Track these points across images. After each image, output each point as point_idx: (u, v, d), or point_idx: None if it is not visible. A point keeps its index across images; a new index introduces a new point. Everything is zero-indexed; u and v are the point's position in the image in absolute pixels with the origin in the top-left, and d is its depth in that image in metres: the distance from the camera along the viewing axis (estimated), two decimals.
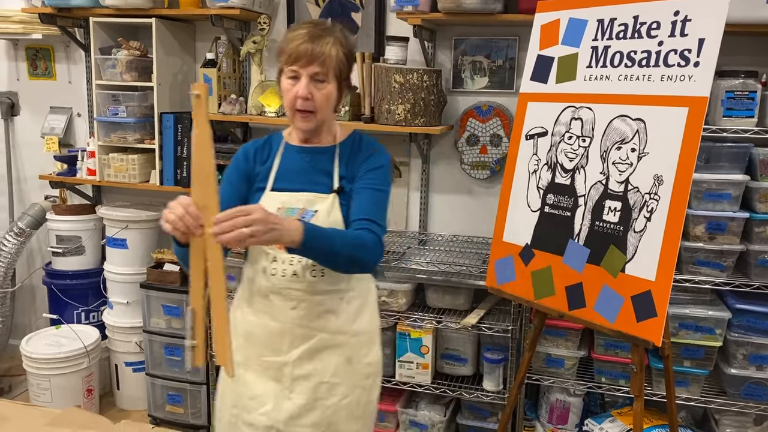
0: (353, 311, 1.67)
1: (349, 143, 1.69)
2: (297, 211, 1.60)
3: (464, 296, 2.72)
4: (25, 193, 3.72)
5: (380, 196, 1.63)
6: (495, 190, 2.93)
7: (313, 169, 1.65)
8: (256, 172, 1.69)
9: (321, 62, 1.53)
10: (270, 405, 1.65)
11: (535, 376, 2.62)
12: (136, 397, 3.27)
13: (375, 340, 1.75)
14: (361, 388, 1.69)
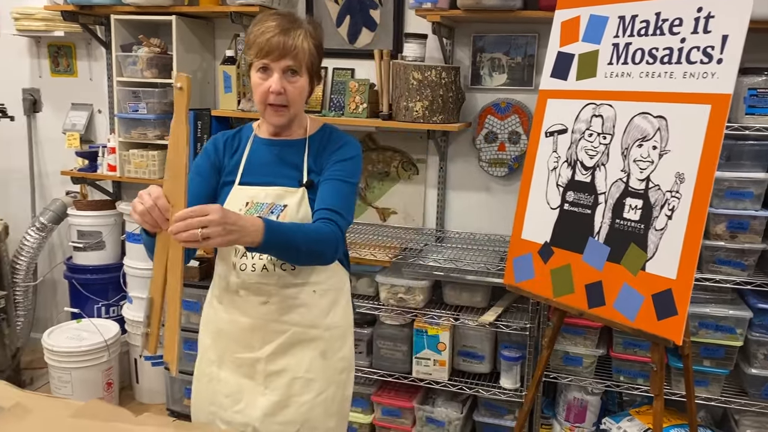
0: (326, 304, 1.65)
1: (319, 136, 1.67)
2: (266, 206, 1.58)
3: (482, 294, 2.72)
4: (47, 188, 3.77)
5: (345, 187, 1.59)
6: (513, 187, 2.93)
7: (281, 162, 1.63)
8: (224, 164, 1.67)
9: (294, 55, 1.51)
10: (244, 402, 1.64)
11: (553, 374, 2.62)
12: (154, 390, 3.31)
13: (348, 334, 1.72)
14: (335, 384, 1.67)
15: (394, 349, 2.78)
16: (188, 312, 3.10)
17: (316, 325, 1.63)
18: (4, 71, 3.67)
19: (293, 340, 1.61)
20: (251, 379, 1.63)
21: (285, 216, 1.55)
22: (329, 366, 1.65)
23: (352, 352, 1.73)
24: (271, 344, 1.61)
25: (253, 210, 1.57)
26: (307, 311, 1.61)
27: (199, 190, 1.61)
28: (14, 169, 3.77)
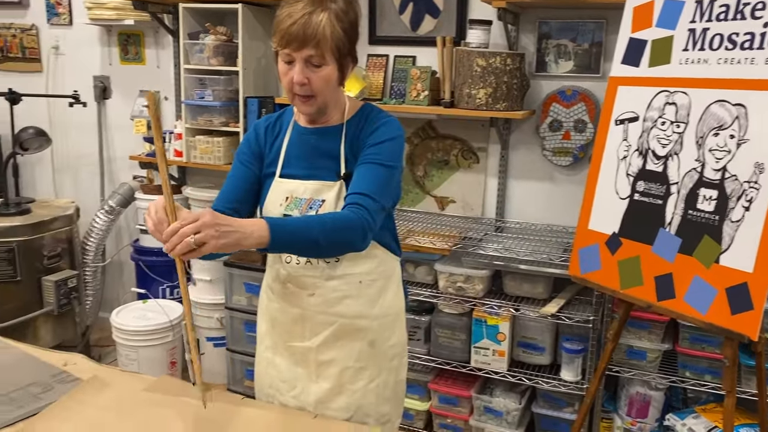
0: (373, 294, 1.61)
1: (356, 120, 1.57)
2: (304, 202, 1.54)
3: (543, 285, 2.68)
4: (115, 173, 3.90)
5: (380, 170, 1.49)
6: (578, 177, 2.87)
7: (319, 153, 1.56)
8: (266, 152, 1.62)
9: (315, 44, 1.40)
10: (299, 389, 1.65)
11: (616, 367, 2.57)
12: (216, 371, 3.39)
13: (398, 321, 1.68)
14: (387, 370, 1.65)
15: (453, 338, 2.78)
16: (250, 295, 3.16)
17: (363, 316, 1.60)
18: (77, 59, 3.81)
19: (341, 332, 1.60)
20: (304, 367, 1.64)
21: (323, 211, 1.52)
22: (379, 354, 1.63)
23: (403, 338, 1.70)
24: (319, 335, 1.61)
25: (292, 205, 1.54)
26: (353, 302, 1.59)
27: (244, 179, 1.59)
28: (85, 154, 3.91)
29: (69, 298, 3.27)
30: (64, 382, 1.61)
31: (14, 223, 3.13)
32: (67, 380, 1.62)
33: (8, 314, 3.07)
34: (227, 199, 1.57)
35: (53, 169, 4.01)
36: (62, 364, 1.72)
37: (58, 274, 3.26)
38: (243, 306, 3.19)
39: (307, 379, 1.64)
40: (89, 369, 1.70)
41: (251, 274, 3.12)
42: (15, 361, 1.72)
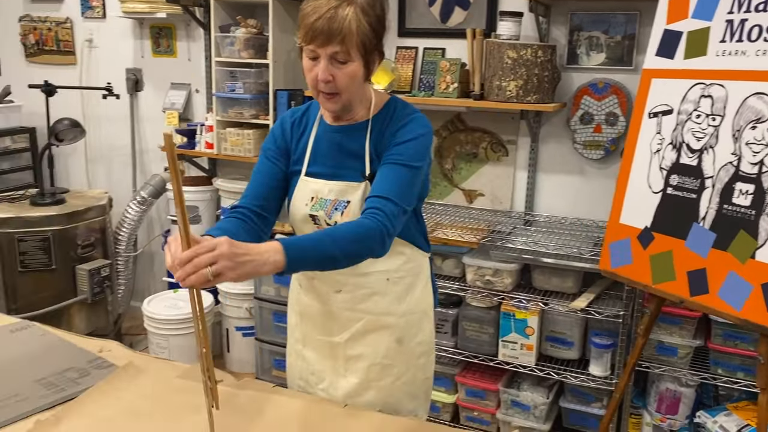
0: (401, 291, 1.60)
1: (382, 116, 1.52)
2: (329, 203, 1.52)
3: (573, 279, 2.66)
4: (147, 164, 3.95)
5: (403, 171, 1.43)
6: (609, 171, 2.84)
7: (343, 152, 1.53)
8: (292, 149, 1.59)
9: (340, 41, 1.35)
10: (327, 382, 1.65)
11: (646, 363, 2.54)
12: (244, 360, 3.44)
13: (426, 319, 1.66)
14: (414, 367, 1.64)
15: (480, 331, 2.78)
16: (279, 285, 3.19)
17: (390, 313, 1.59)
18: (110, 52, 3.87)
19: (368, 328, 1.60)
20: (333, 361, 1.65)
21: (348, 213, 1.50)
22: (406, 351, 1.62)
23: (431, 336, 1.68)
24: (347, 331, 1.61)
25: (317, 206, 1.53)
26: (380, 299, 1.58)
27: (270, 175, 1.57)
28: (118, 146, 3.98)
29: (102, 287, 3.33)
30: (101, 367, 1.64)
31: (49, 212, 3.20)
32: (103, 366, 1.65)
33: (44, 302, 3.14)
34: (254, 196, 1.55)
35: (86, 160, 4.09)
36: (98, 350, 1.76)
37: (92, 263, 3.32)
38: (272, 296, 3.22)
39: (335, 372, 1.65)
40: (124, 356, 1.74)
41: None
42: (52, 346, 1.76)
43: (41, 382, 1.56)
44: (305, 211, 1.54)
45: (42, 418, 1.40)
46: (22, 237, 3.12)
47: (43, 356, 1.69)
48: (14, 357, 1.68)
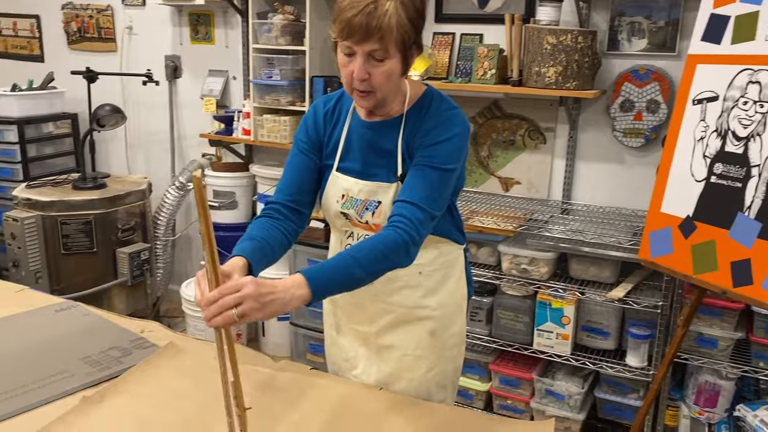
0: (433, 284, 1.58)
1: (417, 110, 1.46)
2: (360, 203, 1.49)
3: (610, 269, 2.63)
4: (185, 150, 4.01)
5: (434, 175, 1.39)
6: (649, 159, 2.79)
7: (375, 150, 1.48)
8: (324, 141, 1.55)
9: (379, 38, 1.28)
10: (360, 369, 1.65)
11: (685, 355, 2.50)
12: (279, 344, 3.48)
13: (459, 312, 1.64)
14: (446, 359, 1.63)
15: (515, 320, 2.76)
16: None
17: (422, 306, 1.58)
18: (149, 39, 3.92)
19: (400, 320, 1.59)
20: (366, 349, 1.65)
21: (380, 213, 1.47)
22: (439, 344, 1.61)
23: (463, 328, 1.67)
24: (378, 322, 1.61)
25: (348, 204, 1.51)
26: (411, 292, 1.56)
27: (301, 170, 1.54)
28: (157, 131, 4.04)
29: (141, 270, 3.40)
30: (142, 347, 1.68)
31: (91, 196, 3.27)
32: (144, 346, 1.69)
33: (85, 284, 3.22)
34: (287, 191, 1.53)
35: (127, 145, 4.16)
36: (139, 330, 1.80)
37: (132, 246, 3.39)
38: None
39: (368, 360, 1.65)
40: (164, 336, 1.77)
41: (314, 251, 3.17)
42: (96, 326, 1.81)
43: (86, 360, 1.60)
44: (336, 208, 1.53)
45: (87, 394, 1.44)
46: (65, 220, 3.20)
47: (88, 335, 1.74)
48: (60, 336, 1.73)
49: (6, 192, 3.74)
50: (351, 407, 1.46)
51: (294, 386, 1.52)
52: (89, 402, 1.41)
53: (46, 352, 1.63)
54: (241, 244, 1.40)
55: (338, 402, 1.47)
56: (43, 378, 1.51)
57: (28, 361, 1.58)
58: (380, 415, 1.43)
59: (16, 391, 1.45)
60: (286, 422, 1.38)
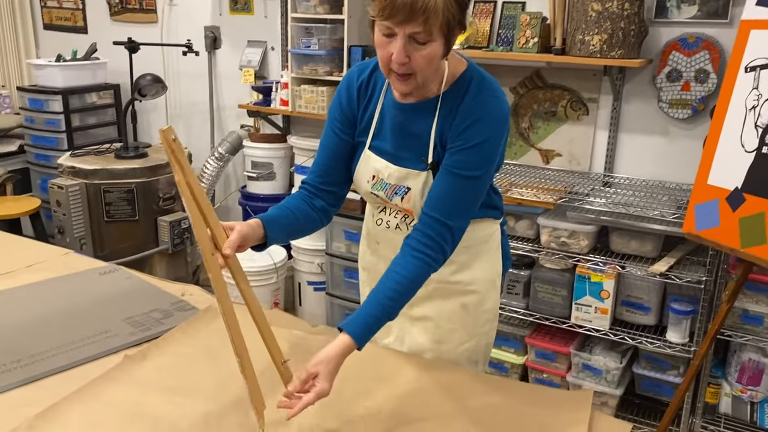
0: (466, 260, 1.55)
1: (454, 93, 1.36)
2: (389, 187, 1.45)
3: (652, 243, 2.57)
4: (224, 120, 4.04)
5: (466, 186, 1.33)
6: (696, 131, 2.70)
7: (406, 133, 1.42)
8: (358, 117, 1.48)
9: (423, 21, 1.18)
10: (393, 337, 1.65)
11: (728, 331, 2.44)
12: (315, 314, 3.51)
13: (492, 288, 1.61)
14: (479, 335, 1.61)
15: (553, 294, 2.73)
16: (350, 242, 3.23)
17: (455, 282, 1.56)
18: (189, 10, 3.94)
19: (433, 294, 1.58)
20: (400, 317, 1.64)
21: (409, 199, 1.43)
22: (471, 319, 1.59)
23: (496, 303, 1.64)
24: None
25: (378, 186, 1.47)
26: (444, 269, 1.49)
27: (335, 151, 1.50)
28: (197, 102, 4.07)
29: (182, 239, 3.46)
30: (183, 309, 1.71)
31: (133, 165, 3.32)
32: (185, 308, 1.72)
33: (127, 251, 3.29)
34: (320, 172, 1.51)
35: (167, 116, 4.21)
36: (180, 294, 1.83)
37: (173, 215, 3.45)
38: (342, 253, 3.27)
39: (401, 330, 1.65)
40: (204, 300, 1.80)
41: (351, 222, 3.18)
42: (138, 289, 1.84)
43: (128, 321, 1.64)
44: (367, 188, 1.50)
45: (130, 353, 1.48)
46: (108, 188, 3.27)
47: (130, 298, 1.78)
48: (104, 297, 1.77)
49: (51, 161, 3.84)
50: (388, 372, 1.46)
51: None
52: (132, 360, 1.45)
53: (90, 313, 1.67)
54: (269, 210, 1.42)
55: (374, 366, 1.48)
56: (88, 336, 1.55)
57: (74, 321, 1.63)
58: (413, 378, 1.43)
59: (63, 348, 1.49)
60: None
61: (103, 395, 1.32)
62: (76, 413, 1.26)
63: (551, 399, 1.37)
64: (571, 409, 1.32)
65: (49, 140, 3.91)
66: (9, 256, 2.05)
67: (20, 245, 2.22)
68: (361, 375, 1.43)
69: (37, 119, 3.92)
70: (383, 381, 1.42)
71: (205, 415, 1.28)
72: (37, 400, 1.29)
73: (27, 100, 3.93)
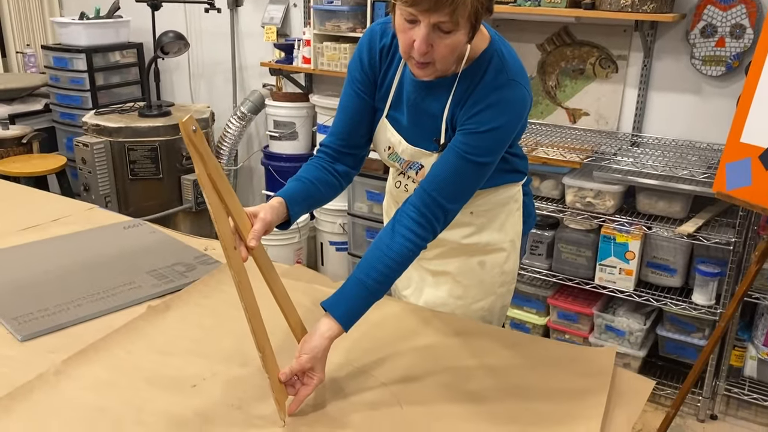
0: (485, 222, 1.53)
1: (472, 72, 1.29)
2: (403, 162, 1.44)
3: (681, 203, 2.52)
4: (247, 80, 4.01)
5: (469, 169, 1.27)
6: (730, 89, 2.62)
7: (420, 110, 1.37)
8: (379, 81, 1.42)
9: (451, 11, 1.11)
10: (411, 289, 1.66)
11: (756, 294, 2.40)
12: (337, 274, 3.52)
13: (512, 249, 1.57)
14: (495, 295, 1.60)
15: (577, 254, 2.70)
16: (372, 202, 3.22)
17: (473, 243, 1.55)
18: None
19: (451, 253, 1.57)
20: (419, 271, 1.65)
21: (423, 174, 1.40)
22: (488, 280, 1.58)
23: (515, 265, 1.61)
24: (430, 251, 1.58)
25: (393, 157, 1.46)
26: (462, 229, 1.53)
27: (356, 112, 1.44)
28: (219, 61, 4.05)
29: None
30: (206, 263, 1.72)
31: (156, 123, 3.33)
32: (208, 262, 1.73)
33: (152, 209, 3.31)
34: (339, 134, 1.46)
35: (190, 75, 4.19)
36: (203, 248, 1.84)
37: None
38: (364, 213, 3.26)
39: (421, 281, 1.65)
40: None
41: (373, 183, 3.16)
42: (162, 243, 1.86)
43: (152, 274, 1.65)
44: (385, 156, 1.49)
45: (153, 304, 1.49)
46: (132, 146, 3.28)
47: (154, 251, 1.79)
48: (128, 250, 1.79)
49: (76, 119, 3.86)
50: (407, 325, 1.46)
51: None
52: (155, 311, 1.46)
53: (114, 265, 1.69)
54: (288, 184, 1.39)
55: (394, 319, 1.48)
56: (112, 288, 1.57)
57: (99, 273, 1.65)
58: (439, 334, 1.43)
59: (88, 299, 1.51)
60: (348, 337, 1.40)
61: (128, 343, 1.34)
62: (102, 360, 1.28)
63: (573, 355, 1.36)
64: (594, 365, 1.31)
65: (73, 99, 3.92)
66: (35, 211, 2.07)
67: (46, 200, 2.25)
68: (381, 331, 1.44)
69: (61, 78, 3.93)
70: (402, 335, 1.42)
71: (227, 364, 1.29)
72: (62, 348, 1.31)
73: (51, 59, 3.94)
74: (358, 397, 1.20)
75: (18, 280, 1.59)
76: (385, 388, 1.23)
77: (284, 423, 1.12)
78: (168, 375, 1.24)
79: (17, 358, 1.29)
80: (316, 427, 1.12)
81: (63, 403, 1.15)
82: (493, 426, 1.13)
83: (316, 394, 1.20)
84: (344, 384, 1.24)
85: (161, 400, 1.17)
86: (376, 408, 1.17)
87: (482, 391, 1.23)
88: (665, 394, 2.64)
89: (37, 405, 1.14)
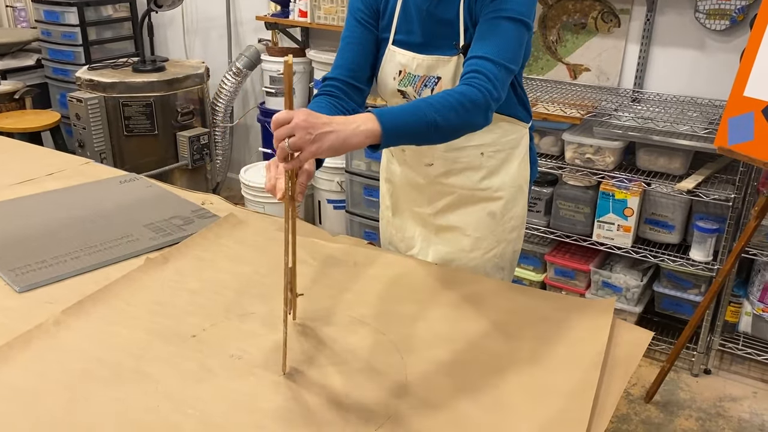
0: (495, 165, 1.52)
1: None
2: (418, 79, 1.41)
3: (681, 159, 2.50)
4: (242, 36, 3.94)
5: (509, 26, 1.26)
6: (734, 44, 2.58)
7: (434, 19, 1.37)
8: (382, 10, 1.43)
9: None
10: (417, 248, 1.65)
11: (753, 250, 2.40)
12: (335, 232, 3.45)
13: (520, 194, 1.58)
14: (505, 242, 1.59)
15: (575, 211, 2.70)
16: (370, 160, 3.19)
17: (483, 188, 1.54)
18: None
19: (460, 202, 1.56)
20: (423, 228, 1.64)
21: (440, 88, 1.38)
22: (498, 226, 1.58)
23: (524, 210, 1.62)
24: (437, 203, 1.58)
25: (406, 81, 1.43)
26: (473, 173, 1.52)
27: (360, 43, 1.43)
28: (214, 16, 3.97)
29: (201, 154, 3.45)
30: (203, 217, 1.71)
31: (150, 78, 3.28)
32: (206, 216, 1.72)
33: (148, 165, 3.29)
34: (344, 66, 1.44)
35: (184, 31, 4.12)
36: (201, 202, 1.83)
37: (191, 130, 3.42)
38: (362, 171, 3.24)
39: (426, 240, 1.65)
40: (225, 208, 1.80)
41: None
42: (158, 197, 1.84)
43: (149, 227, 1.64)
44: (393, 86, 1.46)
45: (151, 256, 1.48)
46: (127, 102, 3.24)
47: (151, 205, 1.78)
48: (124, 204, 1.77)
49: (69, 75, 3.80)
50: (410, 279, 1.46)
51: (350, 258, 1.53)
52: (153, 263, 1.46)
53: (111, 218, 1.68)
54: None
55: (397, 273, 1.47)
56: (109, 240, 1.56)
57: (95, 226, 1.64)
58: (437, 286, 1.43)
59: (86, 251, 1.51)
60: (349, 290, 1.40)
61: (127, 295, 1.33)
62: (100, 310, 1.27)
63: (574, 305, 1.36)
64: (593, 315, 1.31)
65: (66, 54, 3.85)
66: (31, 165, 2.05)
67: (42, 154, 2.22)
68: (383, 285, 1.43)
69: (53, 32, 3.85)
70: (406, 291, 1.42)
71: (227, 315, 1.29)
72: (61, 299, 1.30)
73: (42, 12, 3.86)
74: (356, 345, 1.20)
75: (14, 232, 1.58)
76: (384, 337, 1.23)
77: (284, 372, 1.12)
78: (167, 325, 1.24)
79: (15, 308, 1.28)
80: (313, 375, 1.12)
81: (62, 352, 1.15)
82: (494, 371, 1.13)
83: (315, 344, 1.20)
84: (343, 334, 1.24)
85: (161, 350, 1.17)
86: (374, 356, 1.18)
87: (482, 339, 1.23)
88: (660, 349, 2.67)
89: (36, 354, 1.14)
